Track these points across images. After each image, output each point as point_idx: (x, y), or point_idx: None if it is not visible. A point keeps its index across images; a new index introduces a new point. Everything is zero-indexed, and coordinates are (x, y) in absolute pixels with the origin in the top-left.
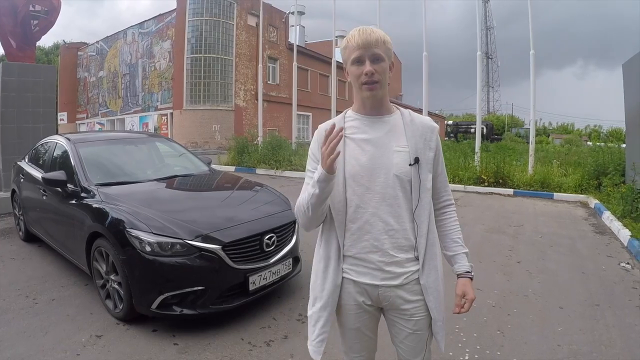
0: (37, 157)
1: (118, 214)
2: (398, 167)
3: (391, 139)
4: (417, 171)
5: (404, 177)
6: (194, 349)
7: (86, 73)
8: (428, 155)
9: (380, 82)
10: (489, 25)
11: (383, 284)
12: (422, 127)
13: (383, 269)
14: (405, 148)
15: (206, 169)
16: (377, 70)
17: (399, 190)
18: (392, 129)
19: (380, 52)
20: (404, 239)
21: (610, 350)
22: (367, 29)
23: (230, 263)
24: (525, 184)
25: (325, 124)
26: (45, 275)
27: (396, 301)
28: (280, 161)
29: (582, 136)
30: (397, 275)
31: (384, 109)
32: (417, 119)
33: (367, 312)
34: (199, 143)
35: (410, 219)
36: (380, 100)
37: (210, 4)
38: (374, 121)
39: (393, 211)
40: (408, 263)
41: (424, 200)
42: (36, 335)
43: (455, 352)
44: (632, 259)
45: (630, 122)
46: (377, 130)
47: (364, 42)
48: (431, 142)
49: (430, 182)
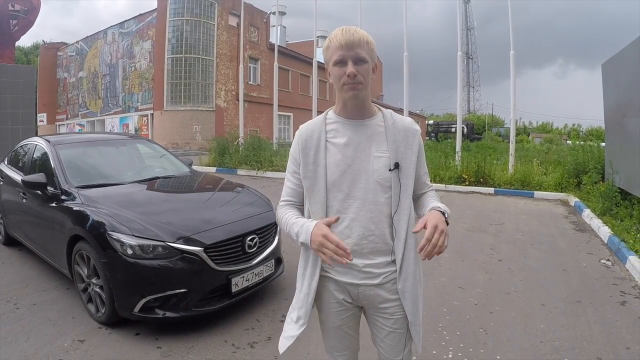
0: (16, 160)
1: (99, 216)
2: (378, 173)
3: (372, 144)
4: (397, 176)
5: (385, 183)
6: (177, 352)
7: (66, 73)
8: (410, 159)
9: (363, 83)
10: (470, 25)
11: (363, 283)
12: (403, 130)
13: (362, 269)
14: (385, 153)
15: (187, 170)
16: (360, 72)
17: (379, 195)
18: (373, 134)
19: (363, 54)
20: (383, 243)
21: (592, 346)
22: (350, 29)
23: (212, 265)
24: (506, 183)
25: (306, 124)
26: (26, 279)
27: (376, 299)
28: (262, 162)
29: (562, 135)
30: (376, 275)
31: (365, 112)
32: (399, 121)
33: (348, 310)
34: (180, 144)
35: (389, 223)
36: (362, 102)
37: (191, 4)
38: (355, 125)
39: (373, 216)
40: (386, 265)
41: (403, 205)
42: (18, 340)
43: (438, 350)
44: (612, 255)
45: (609, 121)
46: (358, 134)
47: (346, 42)
48: (413, 145)
49: (411, 187)
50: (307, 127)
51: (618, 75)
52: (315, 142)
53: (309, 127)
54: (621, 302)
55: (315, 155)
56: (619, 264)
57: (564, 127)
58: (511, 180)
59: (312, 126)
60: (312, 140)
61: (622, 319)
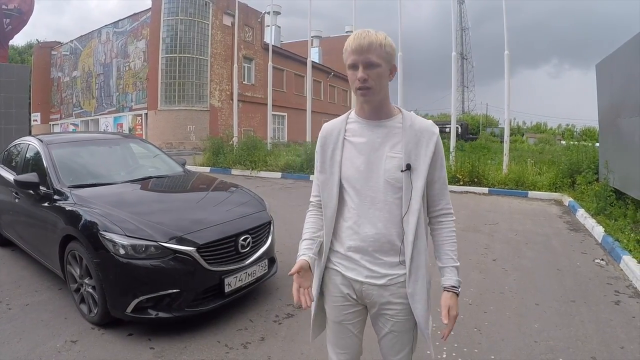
0: (9, 159)
1: (91, 216)
2: (389, 173)
3: (386, 144)
4: (409, 178)
5: (395, 183)
6: (170, 353)
7: (60, 73)
8: (422, 162)
9: (373, 88)
10: (464, 26)
11: (367, 282)
12: (420, 132)
13: (367, 267)
14: (398, 154)
15: (180, 170)
16: (370, 76)
17: (389, 195)
18: (389, 134)
19: (374, 58)
20: (389, 244)
21: (586, 346)
22: (363, 32)
23: (205, 265)
24: (500, 183)
25: (329, 122)
26: (19, 280)
27: (379, 300)
28: (256, 162)
29: (556, 135)
30: (381, 275)
31: (382, 113)
32: (418, 123)
33: (352, 307)
34: (174, 144)
35: (398, 224)
36: (378, 104)
37: (185, 4)
38: (372, 125)
39: (381, 215)
40: (392, 267)
41: (413, 207)
42: (10, 341)
43: (432, 350)
44: (606, 255)
45: (603, 121)
46: (374, 134)
47: (357, 47)
48: (427, 148)
49: (421, 189)
50: (330, 125)
51: (612, 75)
52: (334, 139)
53: (331, 125)
54: (615, 302)
55: (333, 151)
56: (613, 263)
57: (558, 127)
58: (505, 180)
59: (333, 124)
60: (331, 137)
61: (616, 319)
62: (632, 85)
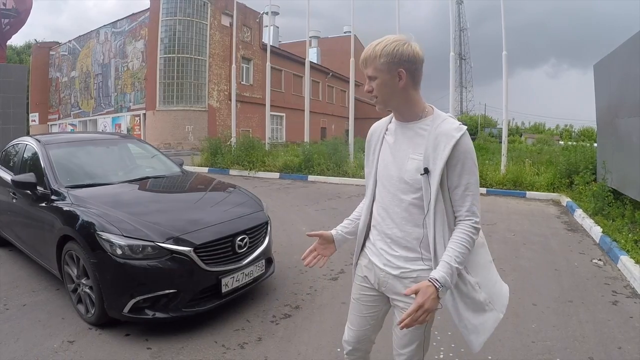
0: (7, 159)
1: (88, 216)
2: (409, 173)
3: (410, 146)
4: (428, 181)
5: (414, 184)
6: (167, 353)
7: (58, 73)
8: (438, 166)
9: (379, 97)
10: (462, 26)
11: (384, 269)
12: (439, 136)
13: (385, 257)
14: (420, 156)
15: (178, 170)
16: (374, 88)
17: (407, 194)
18: (414, 136)
19: (370, 72)
20: (405, 240)
21: (583, 346)
22: (369, 46)
23: (202, 265)
24: (498, 183)
25: (377, 123)
26: (16, 280)
27: (392, 289)
28: (254, 162)
29: (554, 135)
30: (395, 266)
31: (407, 116)
32: (443, 126)
33: (368, 290)
34: (172, 144)
35: (416, 223)
36: (398, 109)
37: (183, 4)
38: (402, 127)
39: (400, 213)
40: (407, 261)
41: (433, 210)
42: (7, 341)
43: (429, 350)
44: (604, 255)
45: (601, 121)
46: (402, 135)
47: (360, 62)
48: (443, 152)
49: (438, 192)
50: (377, 123)
51: (610, 75)
52: (377, 136)
53: (378, 123)
54: (613, 302)
55: (375, 147)
56: (610, 263)
57: (556, 127)
58: (503, 180)
59: (379, 123)
60: (375, 134)
61: (614, 319)
62: (630, 85)
